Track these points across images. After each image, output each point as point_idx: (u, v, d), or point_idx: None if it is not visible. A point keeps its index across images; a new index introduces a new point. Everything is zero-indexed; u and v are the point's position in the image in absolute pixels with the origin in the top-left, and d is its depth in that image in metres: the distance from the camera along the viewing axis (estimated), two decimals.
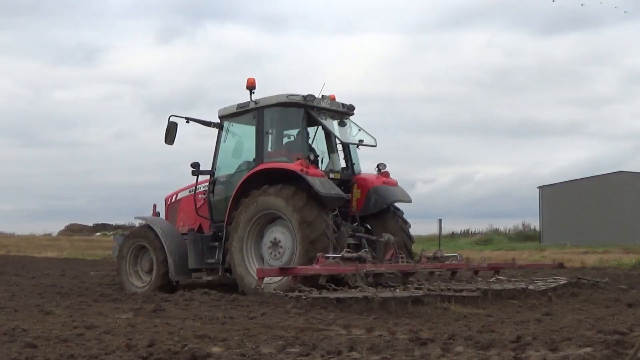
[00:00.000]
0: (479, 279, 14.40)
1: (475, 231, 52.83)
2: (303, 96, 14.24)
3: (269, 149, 14.44)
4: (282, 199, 13.27)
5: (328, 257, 12.47)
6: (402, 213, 15.23)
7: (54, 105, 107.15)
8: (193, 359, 7.39)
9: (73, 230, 70.16)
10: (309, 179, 13.02)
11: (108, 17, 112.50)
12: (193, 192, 15.65)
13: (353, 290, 11.66)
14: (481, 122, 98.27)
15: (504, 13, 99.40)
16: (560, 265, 18.14)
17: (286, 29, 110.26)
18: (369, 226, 14.98)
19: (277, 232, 13.74)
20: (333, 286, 11.69)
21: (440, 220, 21.59)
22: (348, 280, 12.21)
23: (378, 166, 15.22)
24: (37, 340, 8.45)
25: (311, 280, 12.03)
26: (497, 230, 52.38)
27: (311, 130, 14.81)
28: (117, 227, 66.72)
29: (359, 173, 15.15)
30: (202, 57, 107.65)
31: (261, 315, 11.22)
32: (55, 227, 72.21)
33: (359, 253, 12.90)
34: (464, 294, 12.11)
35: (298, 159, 13.55)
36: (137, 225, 16.56)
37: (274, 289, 12.52)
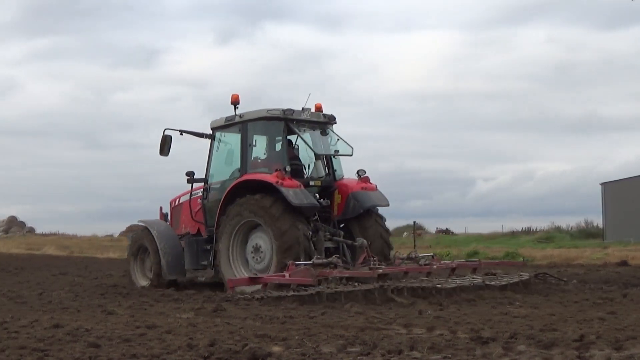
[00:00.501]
0: (454, 277, 14.83)
1: (536, 229, 52.17)
2: (282, 110, 15.15)
3: (252, 160, 15.40)
4: (261, 210, 14.32)
5: (298, 265, 13.43)
6: (383, 218, 15.93)
7: (115, 108, 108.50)
8: (254, 358, 7.40)
9: (134, 230, 70.97)
10: (283, 190, 14.01)
11: (167, 19, 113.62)
12: (192, 197, 16.49)
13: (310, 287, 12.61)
14: (542, 118, 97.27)
15: (564, 7, 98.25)
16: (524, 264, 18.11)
17: (345, 28, 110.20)
18: (350, 229, 15.62)
19: (258, 239, 14.70)
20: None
21: (414, 222, 22.21)
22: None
23: (358, 172, 15.80)
24: (100, 340, 8.54)
25: (283, 287, 13.08)
26: (559, 228, 51.66)
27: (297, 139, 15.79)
28: None
29: (341, 179, 15.89)
30: (260, 58, 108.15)
31: (321, 314, 11.21)
32: (116, 228, 72.96)
33: (330, 259, 13.83)
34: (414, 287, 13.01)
35: (276, 170, 14.39)
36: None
37: (249, 292, 13.32)
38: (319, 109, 15.97)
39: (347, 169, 16.27)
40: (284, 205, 14.15)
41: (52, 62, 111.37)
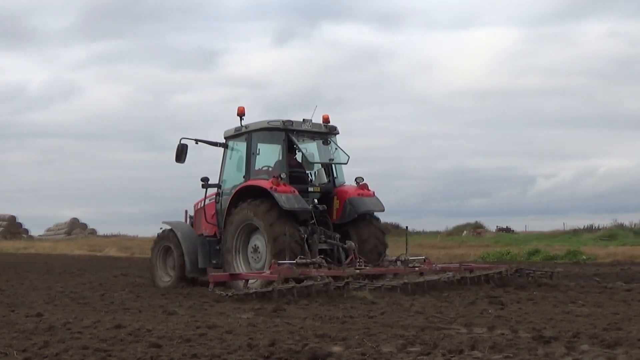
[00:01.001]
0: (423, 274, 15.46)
1: (598, 227, 51.38)
2: (282, 122, 16.23)
3: (256, 168, 16.48)
4: (259, 214, 15.39)
5: (282, 264, 14.27)
6: (379, 221, 16.81)
7: (174, 110, 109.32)
8: (314, 358, 7.40)
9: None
10: (276, 195, 15.08)
11: (226, 20, 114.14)
12: (210, 201, 17.52)
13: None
14: (603, 114, 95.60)
15: (626, 0, 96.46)
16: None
17: (403, 26, 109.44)
18: (348, 232, 16.48)
19: (257, 240, 15.79)
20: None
21: (407, 227, 23.14)
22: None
23: (356, 179, 16.76)
24: (161, 340, 8.61)
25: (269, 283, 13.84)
26: (622, 225, 50.82)
27: (308, 148, 16.98)
28: None
29: (341, 185, 16.86)
30: (318, 57, 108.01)
31: (381, 314, 11.18)
32: None
33: (314, 259, 14.86)
34: (379, 284, 13.92)
35: (274, 177, 15.43)
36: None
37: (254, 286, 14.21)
38: (325, 120, 17.00)
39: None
40: (279, 210, 15.19)
41: (113, 66, 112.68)
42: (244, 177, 16.39)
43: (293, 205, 15.15)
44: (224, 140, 17.36)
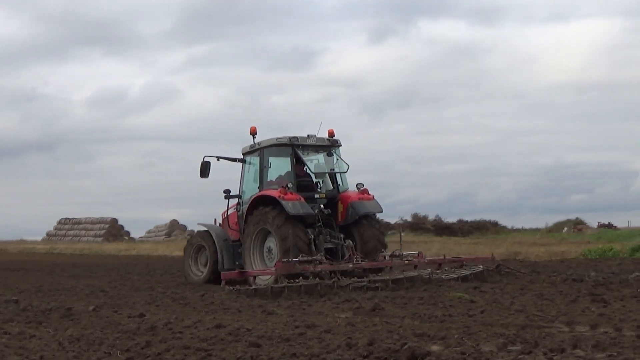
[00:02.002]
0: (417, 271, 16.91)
1: None
2: (289, 138, 18.18)
3: (268, 179, 18.42)
4: (269, 220, 17.26)
5: (285, 261, 16.20)
6: (379, 222, 18.95)
7: (270, 111, 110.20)
8: (413, 357, 7.36)
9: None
10: (283, 202, 16.90)
11: (321, 20, 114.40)
12: (234, 210, 19.56)
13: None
14: None
15: None
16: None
17: (499, 20, 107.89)
18: (351, 232, 18.30)
19: (270, 242, 17.65)
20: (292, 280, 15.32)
21: (400, 226, 27.20)
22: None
23: (357, 185, 18.54)
24: (261, 340, 8.69)
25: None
26: None
27: (309, 161, 18.78)
28: None
29: (345, 191, 18.61)
30: (414, 55, 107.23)
31: (480, 312, 11.06)
32: None
33: (315, 256, 16.56)
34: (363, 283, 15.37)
35: (282, 187, 17.20)
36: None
37: (264, 284, 15.97)
38: (330, 134, 18.94)
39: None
40: (286, 215, 17.00)
41: (210, 68, 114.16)
42: (258, 187, 18.36)
43: (298, 210, 16.99)
44: (242, 157, 19.43)
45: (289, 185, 17.30)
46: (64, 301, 14.33)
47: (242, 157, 19.35)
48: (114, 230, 71.59)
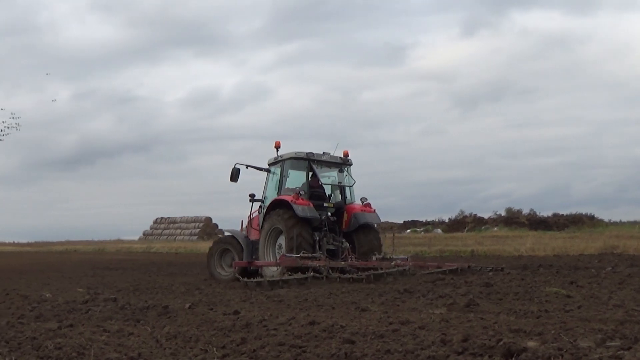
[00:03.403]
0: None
1: None
2: (306, 153, 21.04)
3: (286, 187, 21.08)
4: (281, 220, 19.93)
5: (289, 256, 18.83)
6: (376, 232, 21.52)
7: (362, 107, 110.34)
8: (508, 353, 7.26)
9: (384, 227, 71.46)
10: (294, 206, 19.62)
11: (412, 14, 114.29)
12: (257, 214, 22.25)
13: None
14: None
15: None
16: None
17: (595, 9, 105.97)
18: (354, 238, 21.09)
19: (281, 240, 20.25)
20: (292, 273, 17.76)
21: (393, 232, 30.05)
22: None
23: (361, 199, 21.48)
24: (355, 336, 8.68)
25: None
26: None
27: (323, 175, 21.75)
28: (427, 223, 67.38)
29: (351, 203, 21.46)
30: (507, 47, 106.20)
31: (577, 308, 10.87)
32: None
33: (314, 254, 19.28)
34: (347, 276, 17.99)
35: (295, 193, 20.08)
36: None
37: (272, 275, 18.58)
38: (345, 154, 21.95)
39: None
40: (296, 217, 19.63)
41: (301, 66, 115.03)
42: (277, 193, 21.02)
43: (306, 214, 19.67)
44: (267, 166, 22.09)
45: (301, 193, 20.27)
46: (161, 299, 14.58)
47: (267, 167, 22.06)
48: (209, 228, 72.65)
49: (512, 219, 58.13)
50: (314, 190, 20.95)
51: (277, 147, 21.60)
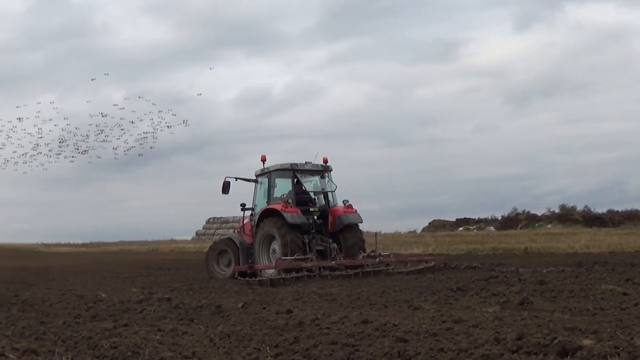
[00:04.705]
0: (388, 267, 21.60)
1: None
2: (290, 164, 23.02)
3: (274, 196, 22.94)
4: (274, 227, 21.76)
5: (284, 259, 20.64)
6: (359, 232, 23.16)
7: (414, 104, 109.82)
8: (563, 352, 7.19)
9: (436, 226, 71.22)
10: (284, 214, 21.49)
11: (464, 10, 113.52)
12: (248, 220, 24.06)
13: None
14: None
15: None
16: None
17: None
18: (339, 238, 22.75)
19: (275, 245, 22.04)
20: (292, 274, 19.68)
21: (376, 233, 30.20)
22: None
23: (343, 201, 23.25)
24: (408, 335, 8.66)
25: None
26: None
27: (307, 181, 23.71)
28: (479, 220, 66.96)
29: (334, 206, 23.24)
30: (561, 41, 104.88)
31: (634, 305, 10.74)
32: (419, 224, 73.71)
33: (307, 255, 21.03)
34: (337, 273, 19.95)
35: (284, 202, 21.90)
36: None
37: (270, 275, 20.12)
38: (325, 161, 23.63)
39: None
40: (287, 224, 21.45)
41: (352, 64, 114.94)
42: (267, 202, 22.85)
43: (296, 220, 21.55)
44: (254, 177, 23.86)
45: (289, 201, 22.17)
46: (214, 298, 14.68)
47: (255, 178, 23.87)
48: None
49: (566, 216, 57.54)
50: (299, 197, 22.88)
51: (263, 160, 23.70)
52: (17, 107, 47.78)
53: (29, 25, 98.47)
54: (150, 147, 47.18)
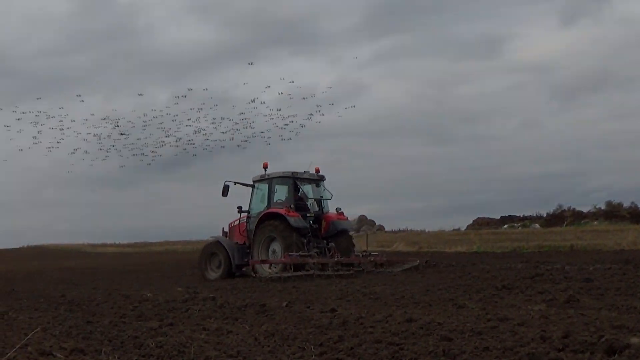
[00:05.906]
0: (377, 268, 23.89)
1: None
2: (291, 172, 24.67)
3: (274, 201, 24.57)
4: (278, 230, 23.30)
5: (291, 255, 21.91)
6: (350, 237, 25.19)
7: (459, 101, 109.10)
8: (611, 350, 7.11)
9: (480, 224, 70.73)
10: (288, 218, 23.19)
11: (509, 5, 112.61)
12: (241, 222, 25.56)
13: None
14: None
15: None
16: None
17: None
18: (333, 241, 24.25)
19: (275, 246, 23.60)
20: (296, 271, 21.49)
21: (367, 235, 34.31)
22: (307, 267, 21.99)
23: (336, 209, 25.27)
24: (452, 334, 8.62)
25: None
26: None
27: (306, 189, 25.25)
28: (524, 218, 66.48)
29: (327, 212, 25.13)
30: (609, 36, 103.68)
31: None
32: (463, 221, 73.29)
33: (309, 253, 22.63)
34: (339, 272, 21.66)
35: (285, 207, 23.64)
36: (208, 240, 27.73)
37: (275, 272, 21.87)
38: (317, 171, 25.49)
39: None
40: (290, 227, 23.01)
41: (396, 62, 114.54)
42: (266, 206, 24.47)
43: (298, 224, 23.26)
44: (252, 183, 25.53)
45: (291, 206, 23.81)
46: (258, 298, 14.72)
47: (252, 183, 25.49)
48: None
49: (613, 213, 56.96)
50: (297, 203, 24.47)
51: (265, 167, 25.29)
52: (61, 108, 48.17)
53: (74, 27, 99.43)
54: (194, 147, 47.38)
